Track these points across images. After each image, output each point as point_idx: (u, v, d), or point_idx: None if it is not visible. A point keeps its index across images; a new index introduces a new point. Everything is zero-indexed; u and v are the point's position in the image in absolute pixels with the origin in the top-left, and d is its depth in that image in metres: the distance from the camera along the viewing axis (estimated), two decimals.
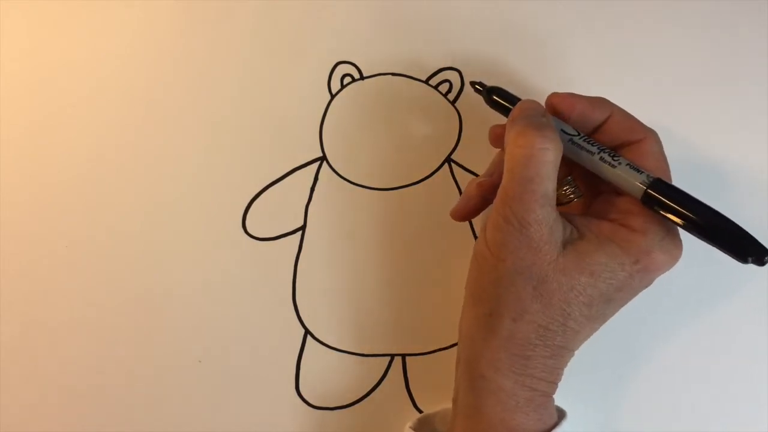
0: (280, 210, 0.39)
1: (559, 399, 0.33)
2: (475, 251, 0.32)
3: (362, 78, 0.40)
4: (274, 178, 0.39)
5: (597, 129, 0.33)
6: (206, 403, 0.38)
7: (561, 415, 0.34)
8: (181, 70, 0.40)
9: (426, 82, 0.40)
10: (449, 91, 0.40)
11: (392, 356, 0.38)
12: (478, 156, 0.39)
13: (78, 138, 0.39)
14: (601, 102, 0.33)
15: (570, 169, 0.33)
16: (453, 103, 0.40)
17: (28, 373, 0.38)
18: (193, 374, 0.38)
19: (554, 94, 0.33)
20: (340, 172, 0.39)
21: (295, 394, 0.38)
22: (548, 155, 0.29)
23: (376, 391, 0.38)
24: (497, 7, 0.40)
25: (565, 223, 0.30)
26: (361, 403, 0.38)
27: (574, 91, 0.32)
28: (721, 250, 0.29)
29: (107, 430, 0.38)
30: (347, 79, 0.40)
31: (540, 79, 0.39)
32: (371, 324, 0.38)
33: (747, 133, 0.39)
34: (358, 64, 0.40)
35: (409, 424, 0.35)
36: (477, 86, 0.36)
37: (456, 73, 0.40)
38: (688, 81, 0.39)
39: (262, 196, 0.39)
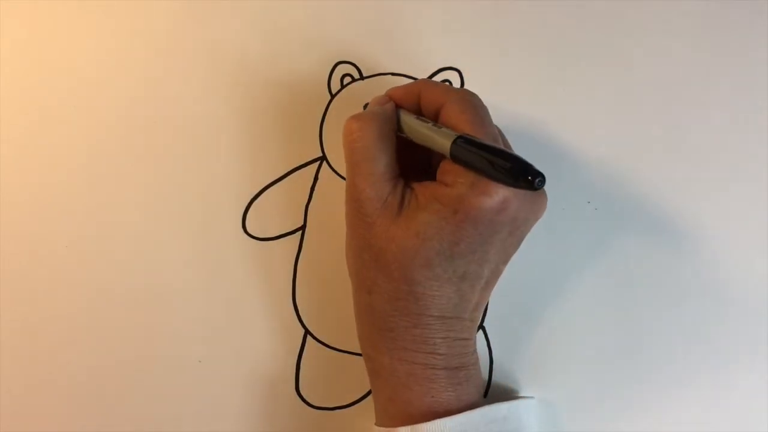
0: (280, 210, 0.39)
1: (560, 398, 0.33)
2: None
3: (362, 78, 0.40)
4: (274, 178, 0.39)
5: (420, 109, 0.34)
6: (206, 403, 0.38)
7: (501, 398, 0.34)
8: (181, 70, 0.40)
9: None
10: None
11: None
12: None
13: (78, 138, 0.39)
14: (412, 85, 0.35)
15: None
16: None
17: (28, 373, 0.38)
18: (193, 374, 0.38)
19: (388, 89, 0.35)
20: (340, 172, 0.39)
21: (295, 394, 0.38)
22: (367, 137, 0.32)
23: None
24: (497, 7, 0.40)
25: (406, 192, 0.32)
26: (361, 403, 0.38)
27: (571, 90, 0.32)
28: (508, 184, 0.29)
29: (107, 430, 0.38)
30: (347, 79, 0.40)
31: (541, 78, 0.39)
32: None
33: (747, 134, 0.39)
34: (358, 64, 0.40)
35: (376, 420, 0.35)
36: (365, 107, 0.37)
37: (456, 73, 0.40)
38: (689, 82, 0.39)
39: (262, 196, 0.39)
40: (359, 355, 0.38)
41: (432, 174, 0.33)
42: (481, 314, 0.34)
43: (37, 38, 0.40)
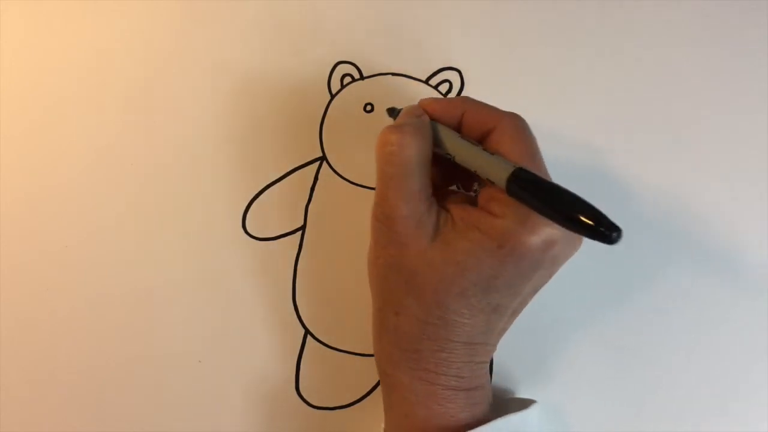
0: (280, 210, 0.39)
1: (559, 399, 0.33)
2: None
3: (362, 78, 0.40)
4: (274, 178, 0.39)
5: (460, 127, 0.33)
6: (206, 403, 0.38)
7: (512, 407, 0.33)
8: (181, 70, 0.40)
9: (426, 82, 0.40)
10: (449, 91, 0.40)
11: None
12: None
13: (77, 138, 0.39)
14: (455, 101, 0.33)
15: None
16: None
17: (28, 374, 0.38)
18: (193, 374, 0.38)
19: (420, 100, 0.33)
20: (340, 172, 0.39)
21: (295, 394, 0.38)
22: (407, 151, 0.30)
23: (376, 391, 0.38)
24: (497, 7, 0.40)
25: (441, 214, 0.31)
26: (361, 403, 0.38)
27: (571, 91, 0.32)
28: (577, 232, 0.27)
29: (107, 430, 0.38)
30: (347, 79, 0.40)
31: (541, 78, 0.40)
32: (371, 324, 0.38)
33: (747, 134, 0.39)
34: (358, 64, 0.40)
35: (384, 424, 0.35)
36: (389, 111, 0.36)
37: (456, 73, 0.40)
38: (689, 81, 0.39)
39: (262, 196, 0.39)
40: (359, 355, 0.38)
41: (459, 188, 0.32)
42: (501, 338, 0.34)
43: (37, 39, 0.40)
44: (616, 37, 0.40)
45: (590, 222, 0.26)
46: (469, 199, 0.32)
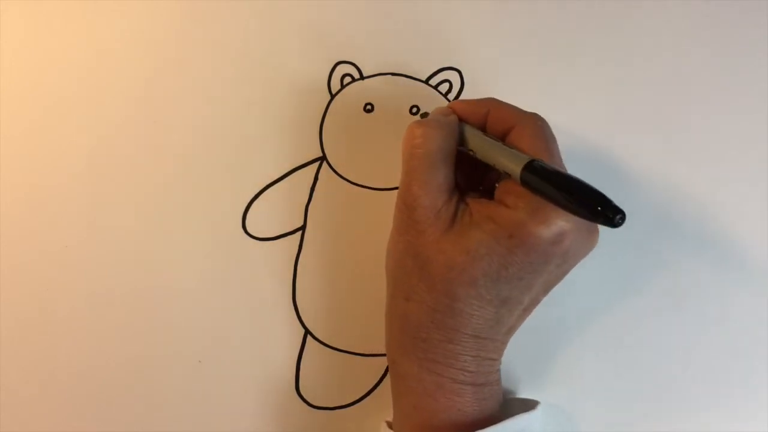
0: (280, 210, 0.39)
1: (560, 400, 0.33)
2: None
3: (362, 78, 0.40)
4: (274, 178, 0.39)
5: (485, 126, 0.34)
6: (206, 403, 0.38)
7: (515, 407, 0.33)
8: (181, 70, 0.40)
9: (426, 82, 0.40)
10: (449, 91, 0.40)
11: None
12: None
13: (77, 138, 0.39)
14: (481, 101, 0.34)
15: None
16: None
17: (29, 373, 0.38)
18: (193, 374, 0.38)
19: (451, 102, 0.35)
20: (340, 172, 0.39)
21: (295, 394, 0.38)
22: (430, 144, 0.31)
23: (376, 391, 0.38)
24: (497, 7, 0.40)
25: (460, 207, 0.32)
26: (361, 403, 0.38)
27: (571, 90, 0.32)
28: (584, 217, 0.27)
29: (107, 430, 0.38)
30: (347, 79, 0.40)
31: (541, 78, 0.40)
32: (371, 324, 0.38)
33: (747, 135, 0.39)
34: (358, 64, 0.40)
35: (387, 418, 0.35)
36: (421, 116, 0.37)
37: (456, 73, 0.40)
38: (689, 82, 0.39)
39: (262, 196, 0.39)
40: (359, 355, 0.38)
41: (484, 191, 0.33)
42: (511, 337, 0.34)
43: (37, 38, 0.40)
44: (617, 37, 0.40)
45: (595, 205, 0.26)
46: (489, 197, 0.33)
